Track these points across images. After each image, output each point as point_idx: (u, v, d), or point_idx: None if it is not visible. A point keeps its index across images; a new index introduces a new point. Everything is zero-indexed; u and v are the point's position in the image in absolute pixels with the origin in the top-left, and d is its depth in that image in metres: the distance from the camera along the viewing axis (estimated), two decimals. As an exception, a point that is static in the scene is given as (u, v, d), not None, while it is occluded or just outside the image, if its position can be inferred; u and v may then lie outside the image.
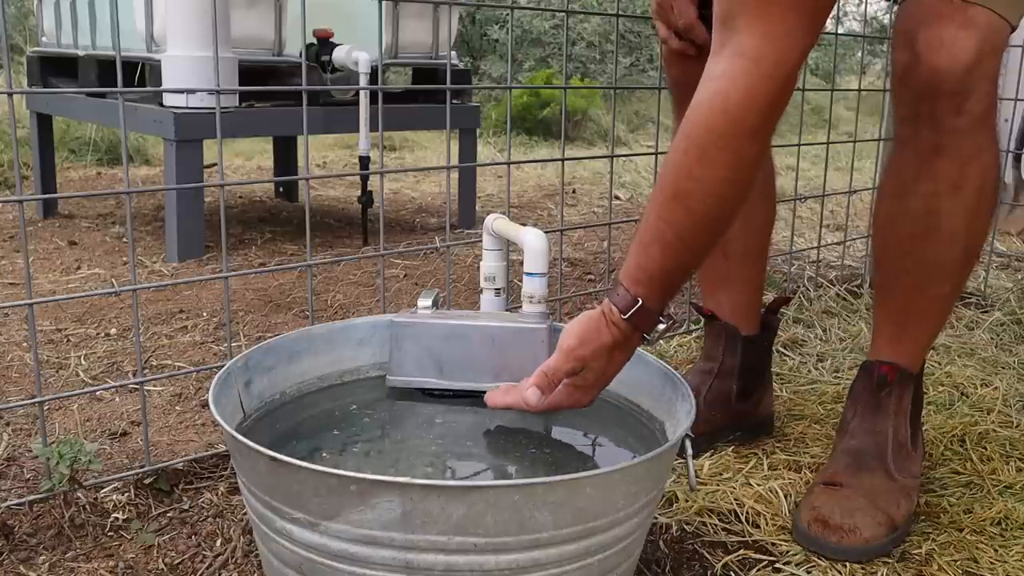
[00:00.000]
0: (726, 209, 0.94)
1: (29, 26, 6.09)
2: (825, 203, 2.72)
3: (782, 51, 0.89)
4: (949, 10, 1.02)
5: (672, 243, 0.93)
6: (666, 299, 0.97)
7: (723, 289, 1.37)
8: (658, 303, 0.96)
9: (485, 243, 1.20)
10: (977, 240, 1.15)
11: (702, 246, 0.97)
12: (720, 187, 0.92)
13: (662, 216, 0.94)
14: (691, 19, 1.21)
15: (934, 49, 1.02)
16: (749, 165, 0.93)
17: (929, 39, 1.03)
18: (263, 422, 1.01)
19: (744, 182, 0.93)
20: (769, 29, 0.88)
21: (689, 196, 0.92)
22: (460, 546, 0.75)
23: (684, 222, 0.93)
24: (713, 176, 0.91)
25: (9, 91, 1.08)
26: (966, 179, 1.08)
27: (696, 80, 1.30)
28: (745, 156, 0.91)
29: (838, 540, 1.08)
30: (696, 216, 0.92)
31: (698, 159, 0.91)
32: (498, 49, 7.89)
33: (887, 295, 1.20)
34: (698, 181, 0.91)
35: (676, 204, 0.93)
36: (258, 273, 2.24)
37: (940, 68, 1.02)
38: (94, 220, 3.08)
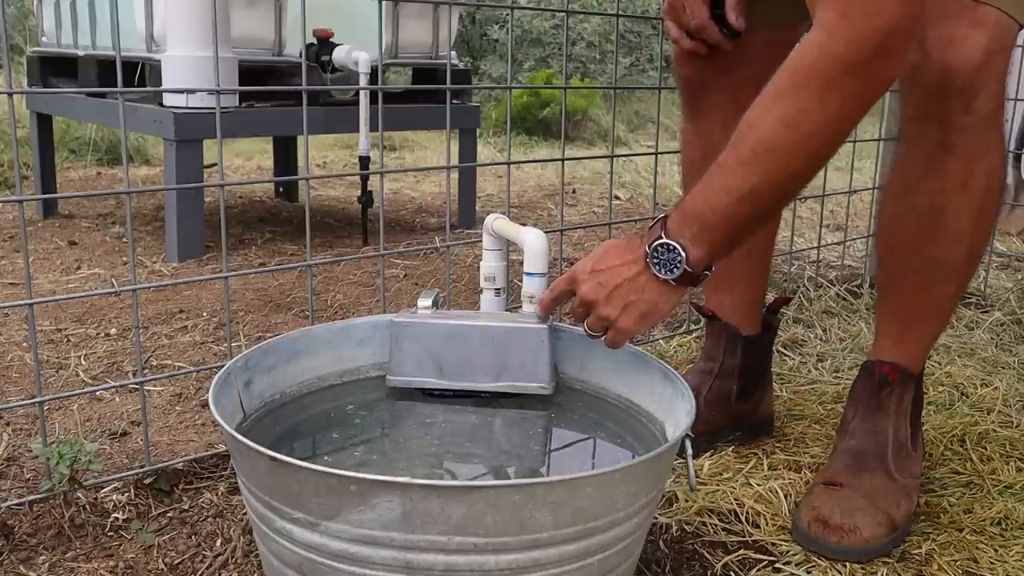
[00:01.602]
0: (794, 170, 0.91)
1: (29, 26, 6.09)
2: (825, 203, 2.72)
3: (863, 25, 0.85)
4: (959, 9, 1.03)
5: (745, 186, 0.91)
6: (706, 245, 0.94)
7: (726, 288, 1.37)
8: (695, 247, 0.94)
9: (485, 243, 1.20)
10: (982, 240, 1.15)
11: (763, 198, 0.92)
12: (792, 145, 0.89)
13: (733, 168, 0.91)
14: (704, 19, 1.21)
15: (944, 47, 1.03)
16: (819, 130, 0.88)
17: (939, 37, 1.03)
18: (263, 422, 1.01)
19: (813, 146, 0.89)
20: (848, 6, 0.85)
21: (768, 148, 0.89)
22: (460, 546, 0.75)
23: (761, 170, 0.90)
24: (784, 133, 0.88)
25: (9, 91, 1.08)
26: (973, 178, 1.09)
27: (707, 80, 1.30)
28: (807, 122, 0.87)
29: (838, 540, 1.08)
30: (771, 167, 0.90)
31: (763, 114, 0.89)
32: (498, 49, 7.89)
33: (891, 294, 1.20)
34: (777, 134, 0.89)
35: (755, 154, 0.90)
36: (258, 273, 2.24)
37: (950, 66, 1.03)
38: (94, 220, 3.08)
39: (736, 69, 1.25)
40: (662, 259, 0.95)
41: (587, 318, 1.01)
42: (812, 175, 0.93)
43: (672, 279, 0.95)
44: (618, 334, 0.99)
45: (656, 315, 0.97)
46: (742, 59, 1.23)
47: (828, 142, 0.90)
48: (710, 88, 1.29)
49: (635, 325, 0.97)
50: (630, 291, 0.96)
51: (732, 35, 1.20)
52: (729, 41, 1.21)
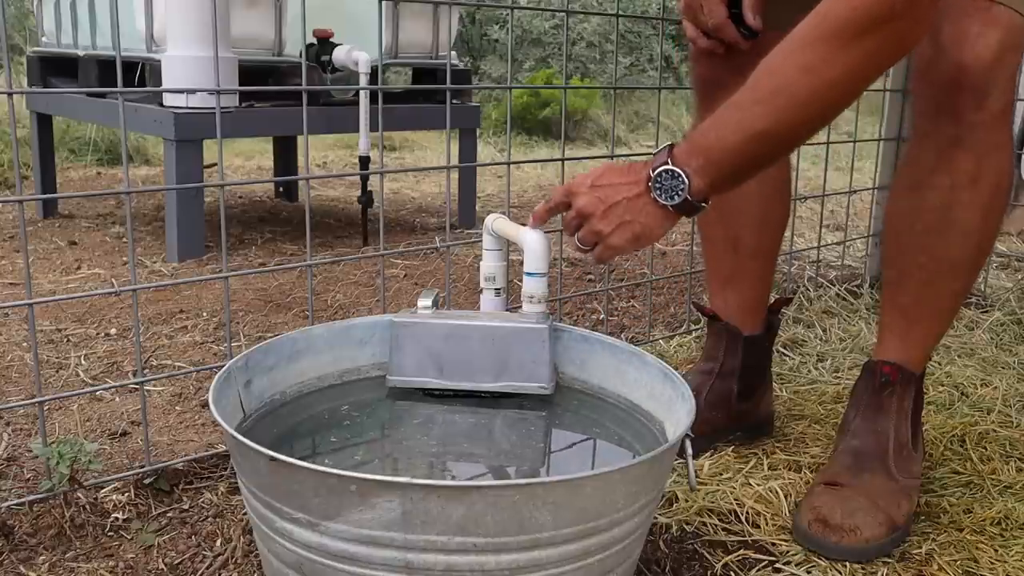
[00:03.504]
0: (806, 116, 0.93)
1: (29, 26, 6.09)
2: (825, 203, 2.72)
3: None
4: (974, 8, 1.04)
5: (758, 127, 0.93)
6: (710, 177, 0.96)
7: (731, 286, 1.37)
8: (699, 178, 0.95)
9: (485, 243, 1.20)
10: (990, 238, 1.16)
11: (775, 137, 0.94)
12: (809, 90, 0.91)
13: (750, 108, 0.93)
14: (721, 19, 1.21)
15: (958, 44, 1.05)
16: (836, 79, 0.90)
17: (953, 34, 1.05)
18: (263, 422, 1.01)
19: (828, 94, 0.91)
20: None
21: (785, 91, 0.91)
22: (460, 546, 0.75)
23: (773, 111, 0.92)
24: (802, 78, 0.90)
25: (9, 91, 1.08)
26: (983, 174, 1.10)
27: (722, 79, 1.30)
28: (826, 69, 0.89)
29: (838, 540, 1.08)
30: (785, 110, 0.92)
31: (787, 57, 0.92)
32: (498, 49, 7.89)
33: (897, 290, 1.20)
34: (797, 78, 0.91)
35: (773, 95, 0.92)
36: (258, 273, 2.24)
37: (963, 63, 1.05)
38: (94, 220, 3.08)
39: (751, 69, 1.25)
40: (665, 185, 0.96)
41: (580, 231, 1.03)
42: (823, 124, 0.96)
43: (672, 205, 0.97)
44: (606, 249, 1.01)
45: (647, 238, 1.00)
46: (758, 59, 1.23)
47: (844, 93, 0.92)
48: (725, 87, 1.29)
49: (626, 244, 1.00)
50: (627, 210, 0.99)
51: (750, 35, 1.20)
52: (746, 41, 1.21)
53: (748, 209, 1.34)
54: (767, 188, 1.34)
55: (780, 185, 1.37)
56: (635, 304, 2.18)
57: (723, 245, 1.37)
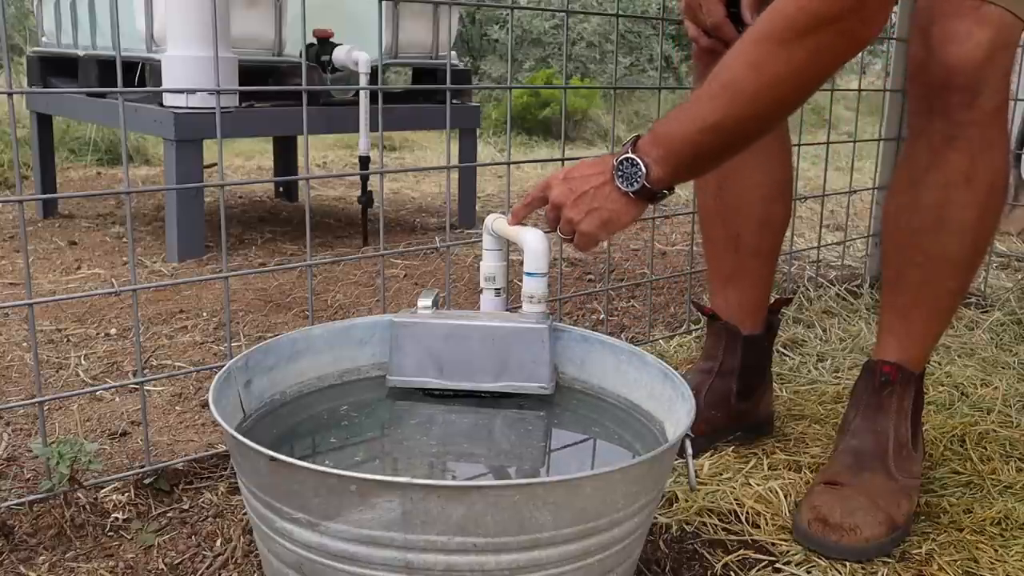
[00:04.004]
0: (757, 111, 0.96)
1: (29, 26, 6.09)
2: (825, 203, 2.72)
3: None
4: (964, 7, 1.04)
5: (708, 120, 0.96)
6: (667, 167, 1.00)
7: (732, 285, 1.37)
8: (657, 167, 0.99)
9: (485, 243, 1.20)
10: (986, 236, 1.16)
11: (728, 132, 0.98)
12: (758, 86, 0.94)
13: (702, 102, 0.97)
14: (719, 18, 1.22)
15: (947, 44, 1.05)
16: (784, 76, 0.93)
17: (942, 34, 1.05)
18: (263, 422, 1.01)
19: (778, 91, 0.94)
20: None
21: (735, 87, 0.95)
22: (460, 546, 0.75)
23: (725, 106, 0.96)
24: (752, 75, 0.94)
25: (9, 91, 1.08)
26: (977, 173, 1.10)
27: None
28: (775, 65, 0.92)
29: (838, 539, 1.08)
30: (735, 105, 0.95)
31: (739, 56, 0.95)
32: (498, 49, 7.89)
33: (895, 289, 1.20)
34: (746, 75, 0.94)
35: (724, 91, 0.96)
36: (258, 273, 2.24)
37: (953, 63, 1.05)
38: (94, 220, 3.08)
39: None
40: (626, 172, 1.02)
41: (557, 222, 1.08)
42: (774, 120, 0.99)
43: (631, 192, 1.02)
44: (580, 236, 1.06)
45: (616, 224, 1.04)
46: None
47: (792, 90, 0.95)
48: None
49: (596, 230, 1.04)
50: (594, 198, 1.04)
51: None
52: None
53: (749, 209, 1.34)
54: (768, 189, 1.35)
55: (781, 186, 1.37)
56: (635, 304, 2.18)
57: (724, 244, 1.37)
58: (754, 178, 1.33)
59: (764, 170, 1.34)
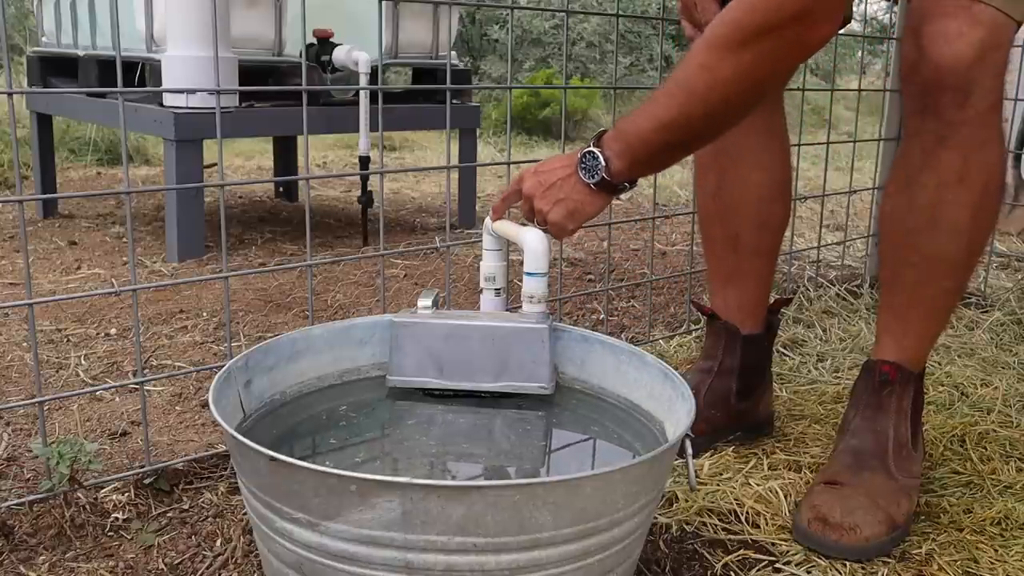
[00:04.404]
0: (708, 111, 0.99)
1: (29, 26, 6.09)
2: (825, 203, 2.72)
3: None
4: (955, 7, 1.04)
5: (663, 117, 1.01)
6: (626, 160, 1.04)
7: (731, 284, 1.38)
8: (618, 160, 1.04)
9: (485, 243, 1.20)
10: (982, 236, 1.15)
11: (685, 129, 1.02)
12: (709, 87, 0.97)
13: (660, 99, 1.01)
14: (714, 16, 1.22)
15: (938, 44, 1.05)
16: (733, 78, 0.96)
17: (934, 34, 1.05)
18: (263, 422, 1.01)
19: (728, 93, 0.97)
20: None
21: (687, 87, 0.99)
22: (460, 546, 0.75)
23: (678, 105, 0.99)
24: (704, 76, 0.97)
25: (9, 91, 1.08)
26: (970, 172, 1.10)
27: None
28: (725, 67, 0.95)
29: (838, 538, 1.08)
30: (687, 105, 0.99)
31: (694, 57, 0.99)
32: (498, 49, 7.89)
33: (891, 290, 1.21)
34: (698, 75, 0.98)
35: (678, 90, 1.00)
36: (258, 273, 2.24)
37: (943, 63, 1.05)
38: (94, 220, 3.08)
39: None
40: (587, 165, 1.06)
41: (532, 214, 1.13)
42: (726, 121, 1.03)
43: (592, 183, 1.06)
44: (551, 226, 1.10)
45: (581, 214, 1.08)
46: None
47: (740, 92, 0.98)
48: None
49: (563, 220, 1.09)
50: (561, 189, 1.09)
51: None
52: None
53: (748, 209, 1.34)
54: (768, 189, 1.35)
55: (781, 186, 1.37)
56: (635, 304, 2.18)
57: (723, 244, 1.37)
58: (753, 178, 1.33)
59: (763, 170, 1.34)
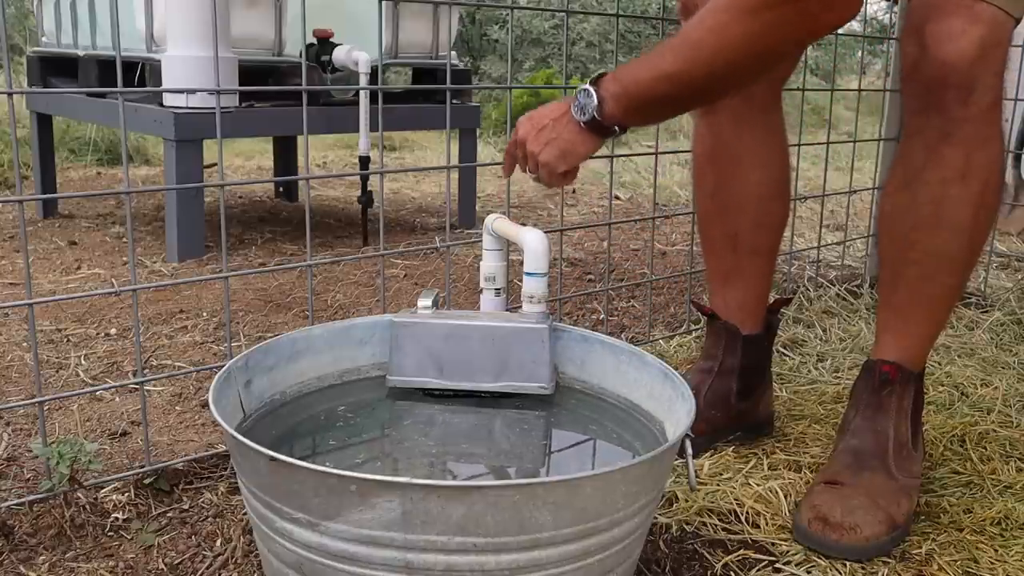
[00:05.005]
0: (709, 70, 1.00)
1: (29, 26, 6.09)
2: (825, 203, 2.72)
3: None
4: (956, 5, 1.05)
5: (666, 69, 1.02)
6: (621, 105, 1.04)
7: (730, 284, 1.38)
8: (613, 103, 1.04)
9: (485, 243, 1.20)
10: (982, 234, 1.16)
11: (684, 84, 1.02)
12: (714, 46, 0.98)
13: (665, 51, 1.02)
14: None
15: (941, 42, 1.06)
16: (739, 42, 0.97)
17: (936, 32, 1.06)
18: (263, 422, 1.01)
19: (732, 55, 0.98)
20: None
21: (693, 43, 1.00)
22: (460, 546, 0.75)
23: (680, 58, 1.01)
24: (711, 34, 0.98)
25: (9, 91, 1.08)
26: (972, 170, 1.10)
27: None
28: (733, 29, 0.96)
29: (838, 538, 1.08)
30: (689, 60, 1.00)
31: (706, 14, 0.98)
32: (498, 49, 7.89)
33: (892, 288, 1.21)
34: (706, 33, 0.98)
35: (684, 44, 1.01)
36: (258, 273, 2.24)
37: (947, 61, 1.06)
38: (94, 220, 3.08)
39: None
40: (580, 102, 1.07)
41: (525, 161, 1.13)
42: (726, 84, 1.04)
43: (583, 121, 1.06)
44: (541, 167, 1.10)
45: (572, 155, 1.09)
46: None
47: (746, 57, 0.98)
48: None
49: (555, 160, 1.09)
50: (552, 130, 1.09)
51: None
52: None
53: (747, 208, 1.34)
54: (766, 188, 1.35)
55: (779, 185, 1.37)
56: (635, 304, 2.18)
57: (722, 244, 1.37)
58: (751, 177, 1.33)
59: (762, 169, 1.34)
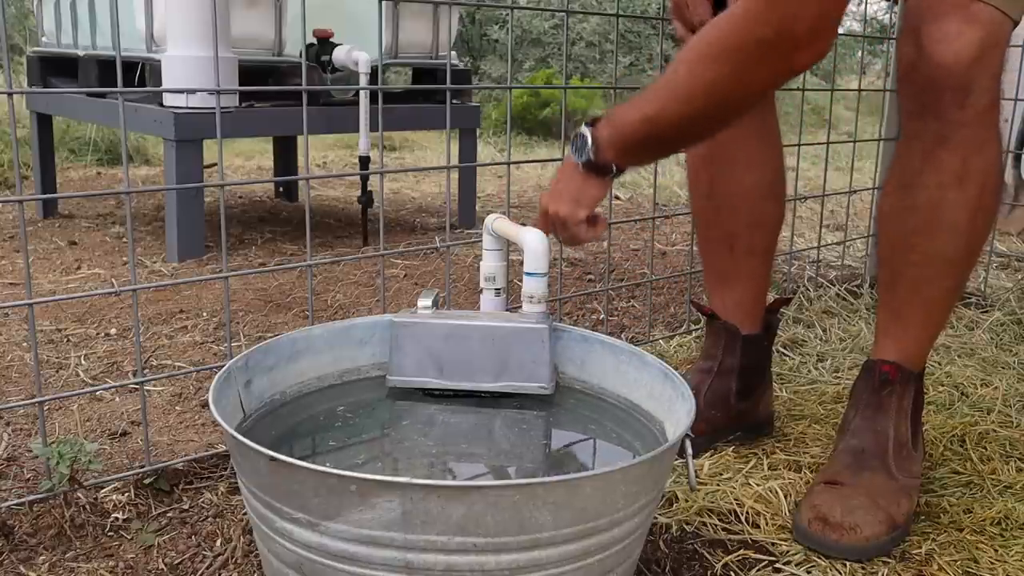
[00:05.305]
0: (689, 114, 1.01)
1: (29, 26, 6.09)
2: (825, 203, 2.72)
3: (781, 10, 0.92)
4: (953, 6, 1.04)
5: (648, 111, 1.04)
6: (614, 146, 1.07)
7: (727, 285, 1.38)
8: (606, 144, 1.07)
9: (485, 243, 1.20)
10: (980, 236, 1.15)
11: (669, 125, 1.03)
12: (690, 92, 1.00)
13: (649, 93, 1.04)
14: (706, 17, 1.22)
15: (937, 44, 1.05)
16: (714, 87, 0.98)
17: (933, 34, 1.05)
18: (263, 422, 1.01)
19: (708, 100, 0.99)
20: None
21: (671, 88, 1.02)
22: (460, 546, 0.75)
23: (662, 103, 1.02)
24: (688, 80, 1.00)
25: (9, 91, 1.08)
26: (969, 173, 1.10)
27: None
28: (708, 74, 0.98)
29: (838, 538, 1.08)
30: (669, 104, 1.02)
31: (683, 59, 1.01)
32: (498, 49, 7.89)
33: (890, 290, 1.21)
34: (683, 79, 1.00)
35: (664, 89, 1.03)
36: (258, 273, 2.24)
37: (943, 63, 1.05)
38: (94, 220, 3.08)
39: None
40: (577, 145, 1.10)
41: (552, 227, 1.15)
42: (709, 124, 1.05)
43: (580, 163, 1.09)
44: (562, 222, 1.12)
45: (584, 200, 1.10)
46: None
47: (720, 101, 0.99)
48: None
49: (569, 210, 1.11)
50: (561, 180, 1.12)
51: None
52: None
53: (741, 209, 1.34)
54: (759, 189, 1.35)
55: (773, 186, 1.37)
56: (635, 304, 2.18)
57: (718, 245, 1.37)
58: (744, 178, 1.33)
59: (756, 170, 1.34)
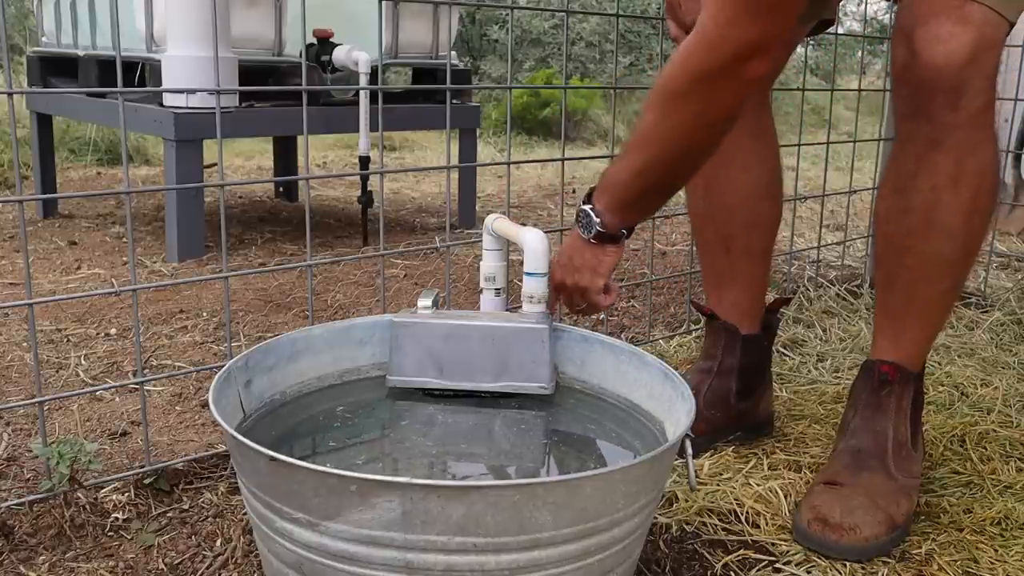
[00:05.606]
0: (671, 156, 1.05)
1: (29, 26, 6.09)
2: (825, 203, 2.72)
3: (723, 34, 0.95)
4: (946, 7, 1.03)
5: (634, 166, 1.07)
6: (616, 211, 1.10)
7: (725, 286, 1.38)
8: (609, 212, 1.10)
9: (485, 243, 1.20)
10: (976, 237, 1.15)
11: (653, 175, 1.07)
12: (665, 135, 1.03)
13: (630, 149, 1.08)
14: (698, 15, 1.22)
15: (930, 45, 1.04)
16: (684, 124, 1.01)
17: (926, 35, 1.04)
18: (263, 422, 1.01)
19: (683, 137, 1.02)
20: (716, 13, 0.95)
21: (647, 137, 1.05)
22: (460, 546, 0.75)
23: (643, 154, 1.06)
24: (659, 125, 1.03)
25: (9, 91, 1.08)
26: (963, 175, 1.09)
27: None
28: (675, 114, 1.01)
29: (838, 538, 1.08)
30: (651, 153, 1.05)
31: (648, 107, 1.04)
32: (498, 49, 7.89)
33: (888, 291, 1.21)
34: (654, 126, 1.04)
35: (642, 140, 1.06)
36: (258, 273, 2.24)
37: (936, 64, 1.04)
38: (94, 220, 3.08)
39: None
40: (582, 222, 1.13)
41: (568, 300, 1.18)
42: (693, 161, 1.07)
43: (590, 238, 1.12)
44: (582, 296, 1.15)
45: (600, 268, 1.13)
46: None
47: (695, 134, 1.02)
48: None
49: (588, 282, 1.14)
50: (573, 255, 1.15)
51: None
52: None
53: (737, 210, 1.34)
54: (755, 190, 1.35)
55: (769, 187, 1.37)
56: (635, 304, 2.18)
57: (716, 246, 1.37)
58: (740, 180, 1.33)
59: (750, 171, 1.34)
